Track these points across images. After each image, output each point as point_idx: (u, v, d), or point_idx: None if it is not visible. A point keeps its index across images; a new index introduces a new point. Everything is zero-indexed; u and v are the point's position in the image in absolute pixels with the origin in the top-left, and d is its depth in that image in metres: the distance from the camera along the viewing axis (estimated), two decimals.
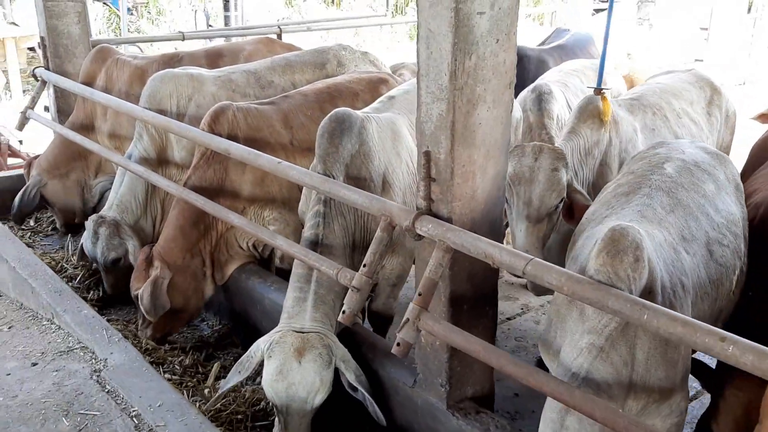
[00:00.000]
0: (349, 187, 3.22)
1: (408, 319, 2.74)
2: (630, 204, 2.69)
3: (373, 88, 4.58)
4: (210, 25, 12.75)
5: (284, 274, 4.67)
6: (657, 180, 2.79)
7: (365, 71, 4.94)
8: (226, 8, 12.04)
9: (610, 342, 2.28)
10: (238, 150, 3.86)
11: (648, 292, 2.30)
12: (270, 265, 4.89)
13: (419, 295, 2.75)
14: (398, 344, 2.75)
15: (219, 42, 10.58)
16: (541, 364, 3.20)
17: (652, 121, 4.01)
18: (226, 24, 12.11)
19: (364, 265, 3.00)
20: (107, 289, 5.04)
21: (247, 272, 4.44)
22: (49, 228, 6.28)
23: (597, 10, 18.03)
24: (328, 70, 5.13)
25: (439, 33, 2.70)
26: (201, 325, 4.75)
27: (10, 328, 4.15)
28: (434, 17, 2.70)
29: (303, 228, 4.02)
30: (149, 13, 19.82)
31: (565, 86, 5.11)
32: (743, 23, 14.85)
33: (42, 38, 6.29)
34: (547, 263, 2.44)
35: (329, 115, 3.57)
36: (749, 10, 16.53)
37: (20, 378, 3.49)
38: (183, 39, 7.32)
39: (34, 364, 3.62)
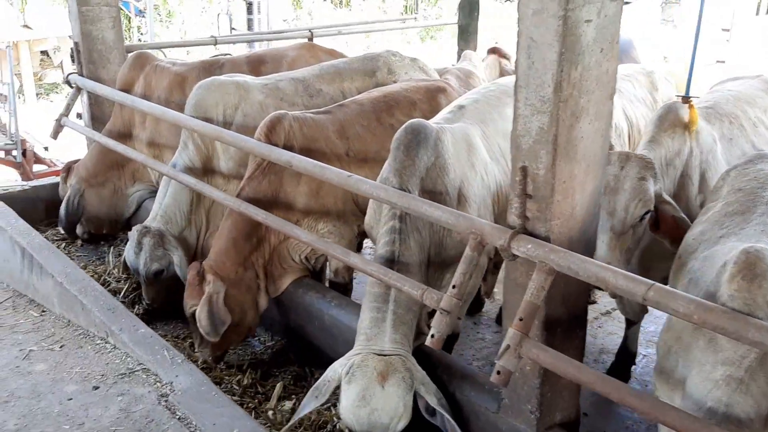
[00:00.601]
0: (432, 203, 3.05)
1: (509, 346, 2.58)
2: (749, 223, 2.53)
3: (432, 97, 4.41)
4: (233, 29, 12.58)
5: (337, 288, 4.52)
6: None
7: (421, 79, 4.76)
8: (249, 11, 11.86)
9: (750, 373, 2.12)
10: (301, 162, 3.69)
11: None
12: (321, 277, 4.74)
13: (520, 320, 2.59)
14: (498, 372, 2.59)
15: (241, 47, 10.44)
16: None
17: (729, 130, 3.85)
18: (249, 27, 11.94)
19: (453, 287, 2.83)
20: (146, 300, 4.87)
21: (304, 287, 4.27)
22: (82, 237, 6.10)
23: None
24: (378, 77, 4.96)
25: (543, 42, 2.54)
26: (252, 341, 4.57)
27: (62, 347, 3.99)
28: (538, 26, 2.54)
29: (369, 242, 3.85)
30: (159, 15, 19.69)
31: (618, 92, 4.94)
32: (761, 24, 14.70)
33: (75, 44, 6.13)
34: (672, 289, 2.27)
35: (404, 126, 3.41)
36: (757, 11, 16.40)
37: (84, 403, 3.33)
38: (215, 44, 7.15)
39: (96, 388, 3.46)
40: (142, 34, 18.15)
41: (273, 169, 4.15)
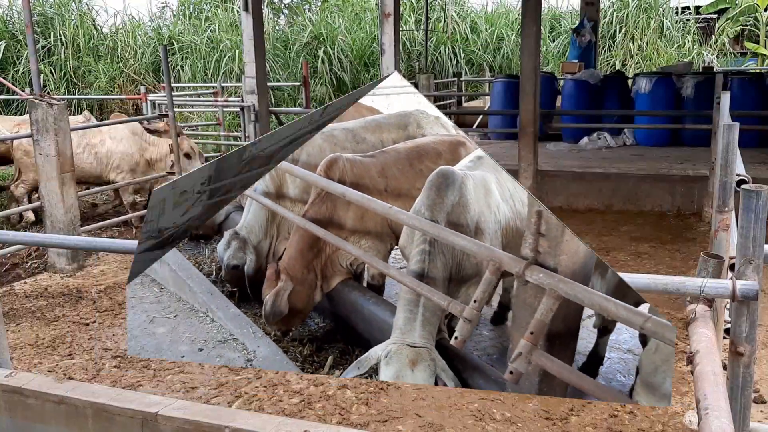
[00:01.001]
0: (458, 234, 2.71)
1: (521, 353, 2.24)
2: None
3: (454, 149, 4.06)
4: None
5: (373, 289, 4.19)
6: None
7: (446, 135, 4.43)
8: None
9: None
10: (353, 194, 3.37)
11: None
12: (360, 279, 4.41)
13: (531, 333, 2.24)
14: (511, 372, 2.25)
15: None
16: None
17: None
18: None
19: (475, 301, 2.50)
20: (224, 279, 4.57)
21: (349, 287, 3.93)
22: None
23: None
24: (409, 131, 4.61)
25: None
26: (309, 323, 4.22)
27: (175, 316, 3.71)
28: None
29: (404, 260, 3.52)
30: None
31: None
32: None
33: None
34: (666, 321, 1.91)
35: (436, 171, 3.09)
36: None
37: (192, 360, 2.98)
38: None
39: (201, 350, 3.19)
40: None
41: (329, 197, 3.84)
